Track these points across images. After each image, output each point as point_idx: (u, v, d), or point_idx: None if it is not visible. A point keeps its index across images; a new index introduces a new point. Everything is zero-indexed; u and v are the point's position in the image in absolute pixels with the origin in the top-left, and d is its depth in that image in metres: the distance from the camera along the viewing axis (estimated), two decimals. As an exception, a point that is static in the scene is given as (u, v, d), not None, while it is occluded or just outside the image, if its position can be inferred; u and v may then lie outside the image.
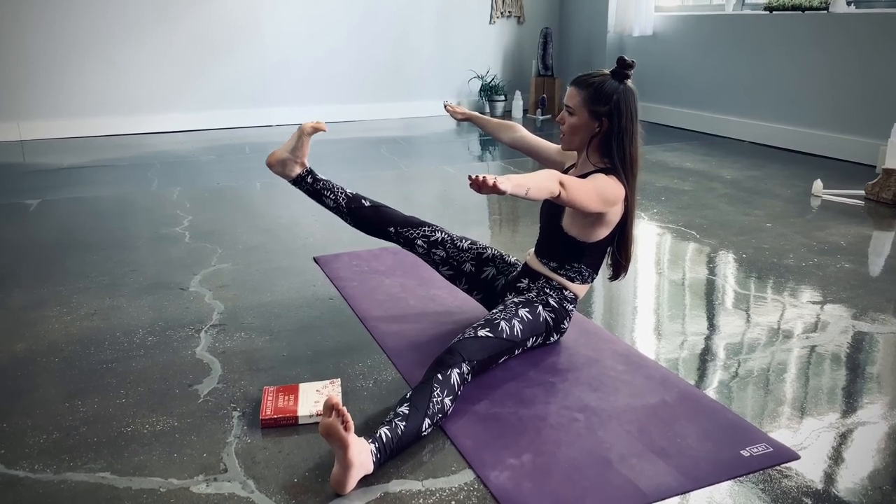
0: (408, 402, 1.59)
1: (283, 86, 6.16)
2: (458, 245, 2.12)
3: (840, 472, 1.52)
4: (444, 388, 1.64)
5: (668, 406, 1.76)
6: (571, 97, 1.90)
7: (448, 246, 2.11)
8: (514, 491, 1.44)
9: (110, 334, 2.18)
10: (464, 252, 2.12)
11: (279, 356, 2.04)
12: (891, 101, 4.32)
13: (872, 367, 1.98)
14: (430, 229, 2.11)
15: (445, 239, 2.11)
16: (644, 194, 3.85)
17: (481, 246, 2.16)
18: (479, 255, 2.13)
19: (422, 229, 2.11)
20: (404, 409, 1.57)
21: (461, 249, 2.12)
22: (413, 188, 4.04)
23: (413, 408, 1.57)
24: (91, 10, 5.42)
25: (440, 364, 1.70)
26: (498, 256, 2.15)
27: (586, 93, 1.87)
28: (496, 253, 2.16)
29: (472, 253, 2.13)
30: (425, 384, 1.64)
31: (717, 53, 5.56)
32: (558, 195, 1.70)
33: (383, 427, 1.53)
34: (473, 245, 2.14)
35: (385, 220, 2.10)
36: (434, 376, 1.66)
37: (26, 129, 5.47)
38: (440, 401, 1.62)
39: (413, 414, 1.56)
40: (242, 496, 1.44)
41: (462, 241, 2.14)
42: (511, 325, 1.86)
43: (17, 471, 1.52)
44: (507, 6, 6.82)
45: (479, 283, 2.14)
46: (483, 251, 2.14)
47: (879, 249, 2.99)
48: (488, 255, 2.14)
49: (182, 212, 3.53)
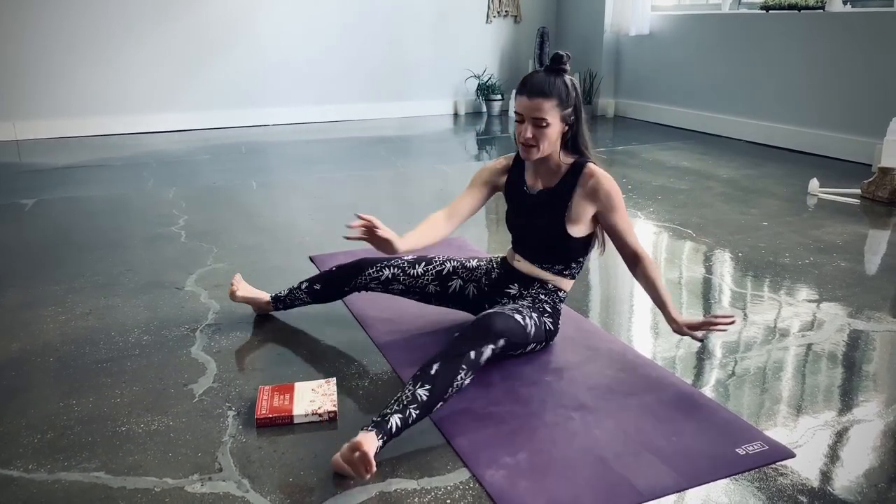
0: (428, 385, 1.56)
1: (279, 85, 6.15)
2: (412, 272, 2.07)
3: (836, 469, 1.52)
4: (472, 369, 1.64)
5: (664, 404, 1.76)
6: (542, 109, 1.78)
7: (402, 278, 2.07)
8: (510, 490, 1.44)
9: (105, 334, 2.17)
10: (420, 277, 2.08)
11: (274, 356, 2.04)
12: (886, 99, 4.33)
13: (868, 365, 1.98)
14: (377, 269, 2.06)
15: (396, 273, 2.06)
16: (640, 193, 3.85)
17: (437, 263, 2.11)
18: (437, 273, 2.09)
19: (369, 273, 2.06)
20: (423, 392, 1.55)
21: (417, 276, 2.08)
22: (410, 187, 4.04)
23: (432, 393, 1.56)
24: (87, 10, 5.41)
25: (473, 340, 1.67)
26: (458, 266, 2.11)
27: (555, 100, 1.79)
28: (455, 264, 2.11)
29: (430, 275, 2.08)
30: (452, 363, 1.60)
31: (713, 52, 5.56)
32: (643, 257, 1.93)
33: (395, 415, 1.51)
34: (429, 266, 2.09)
35: (338, 286, 2.11)
36: (466, 354, 1.63)
37: (22, 129, 5.46)
38: (461, 383, 1.62)
39: (430, 400, 1.56)
40: (237, 496, 1.43)
41: (415, 266, 2.08)
42: (525, 322, 1.87)
43: (12, 470, 1.52)
44: (503, 5, 6.82)
45: (448, 298, 2.11)
46: (441, 267, 2.09)
47: (875, 248, 2.99)
48: (448, 270, 2.10)
49: (177, 211, 3.52)
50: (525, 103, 1.81)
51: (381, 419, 1.51)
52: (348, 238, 1.76)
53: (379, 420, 1.52)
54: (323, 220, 3.38)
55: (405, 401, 1.54)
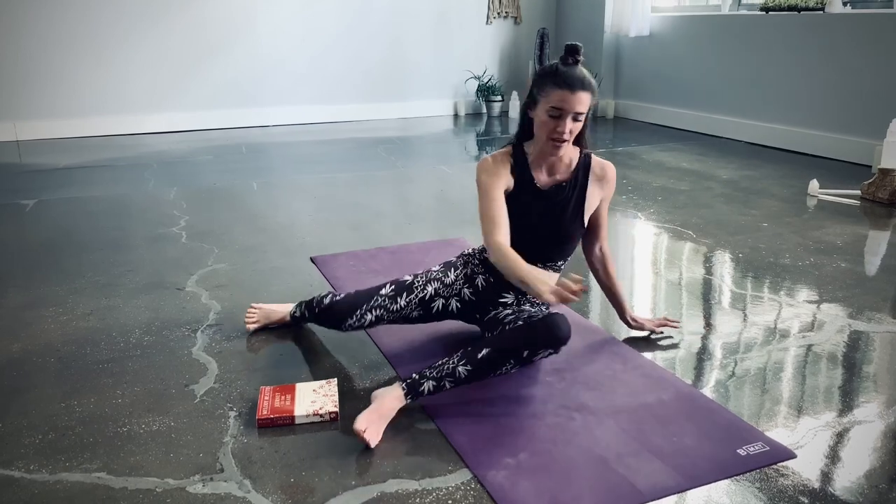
0: (470, 367, 1.68)
1: (279, 86, 6.16)
2: (394, 307, 1.96)
3: (837, 470, 1.52)
4: (519, 365, 1.73)
5: (664, 405, 1.76)
6: (584, 103, 1.75)
7: (387, 316, 1.97)
8: (511, 490, 1.44)
9: (106, 334, 2.17)
10: (404, 309, 1.97)
11: (276, 356, 2.04)
12: (886, 100, 4.33)
13: (868, 366, 1.99)
14: (359, 315, 1.95)
15: (380, 314, 1.95)
16: (641, 194, 3.85)
17: (419, 288, 1.98)
18: (420, 300, 1.97)
19: (349, 323, 1.96)
20: (462, 370, 1.68)
21: (400, 309, 1.96)
22: (410, 188, 4.04)
23: (471, 373, 1.68)
24: (87, 11, 5.41)
25: (535, 343, 1.71)
26: (438, 287, 1.99)
27: (592, 93, 1.78)
28: (436, 286, 1.98)
29: (412, 305, 1.97)
30: (503, 355, 1.69)
31: (713, 54, 5.56)
32: None
33: (430, 381, 1.66)
34: (410, 295, 1.97)
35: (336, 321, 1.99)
36: (519, 352, 1.69)
37: (23, 129, 5.46)
38: (504, 372, 1.73)
39: (467, 378, 1.68)
40: (239, 496, 1.43)
41: (396, 300, 1.96)
42: None
43: (13, 471, 1.52)
44: (503, 6, 6.82)
45: (433, 317, 2.02)
46: (423, 293, 1.98)
47: (875, 249, 2.99)
48: (428, 294, 1.98)
49: (178, 212, 3.52)
50: (568, 98, 1.73)
51: (415, 382, 1.67)
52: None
53: (412, 381, 1.67)
54: (324, 220, 3.38)
55: (444, 372, 1.67)
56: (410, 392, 1.67)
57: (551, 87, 1.75)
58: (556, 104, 1.74)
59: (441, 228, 3.24)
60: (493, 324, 1.93)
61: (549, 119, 1.77)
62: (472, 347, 1.72)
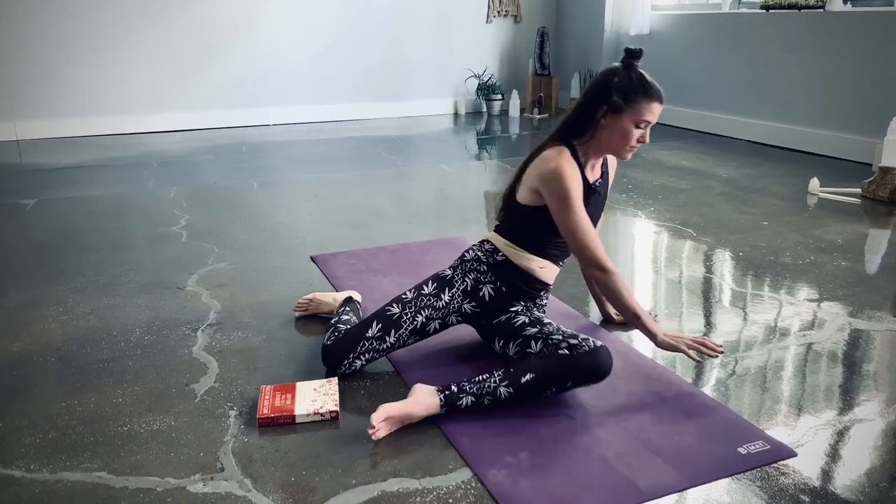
0: (512, 389, 1.66)
1: (279, 85, 6.16)
2: (384, 346, 1.87)
3: (837, 469, 1.52)
4: (560, 393, 1.73)
5: (665, 404, 1.76)
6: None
7: (381, 354, 1.88)
8: (512, 489, 1.44)
9: (107, 333, 2.18)
10: (395, 343, 1.88)
11: (276, 355, 2.04)
12: (887, 99, 4.33)
13: (869, 364, 1.99)
14: (349, 363, 1.87)
15: (372, 356, 1.88)
16: (641, 193, 3.85)
17: (406, 322, 1.87)
18: (412, 331, 1.88)
19: (347, 364, 1.87)
20: (504, 391, 1.66)
21: (391, 345, 1.87)
22: (411, 187, 4.04)
23: (511, 395, 1.66)
24: (87, 11, 5.41)
25: (581, 377, 1.69)
26: (430, 314, 1.88)
27: None
28: (426, 315, 1.88)
29: (404, 337, 1.88)
30: (546, 383, 1.67)
31: (713, 52, 5.56)
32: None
33: (469, 397, 1.66)
34: (399, 330, 1.86)
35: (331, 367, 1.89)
36: (563, 383, 1.68)
37: (23, 129, 5.46)
38: (542, 396, 1.71)
39: (507, 399, 1.67)
40: (239, 495, 1.43)
41: (385, 339, 1.86)
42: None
43: (14, 470, 1.52)
44: (503, 5, 6.82)
45: (433, 335, 1.95)
46: (413, 324, 1.88)
47: (876, 247, 2.99)
48: (419, 323, 1.88)
49: (179, 211, 3.52)
50: (656, 110, 1.77)
51: (454, 395, 1.66)
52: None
53: (450, 395, 1.66)
54: (324, 219, 3.38)
55: (484, 390, 1.66)
56: (447, 405, 1.66)
57: (643, 99, 1.74)
58: (647, 116, 1.76)
59: (441, 227, 3.24)
60: (506, 332, 1.86)
61: (635, 129, 1.77)
62: (515, 369, 1.68)
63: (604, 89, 1.77)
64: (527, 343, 1.80)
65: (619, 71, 1.77)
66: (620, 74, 1.76)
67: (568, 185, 1.76)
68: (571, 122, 1.84)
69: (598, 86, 1.79)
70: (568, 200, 1.76)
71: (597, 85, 1.79)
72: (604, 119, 1.78)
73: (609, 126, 1.78)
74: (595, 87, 1.79)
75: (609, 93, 1.76)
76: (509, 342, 1.85)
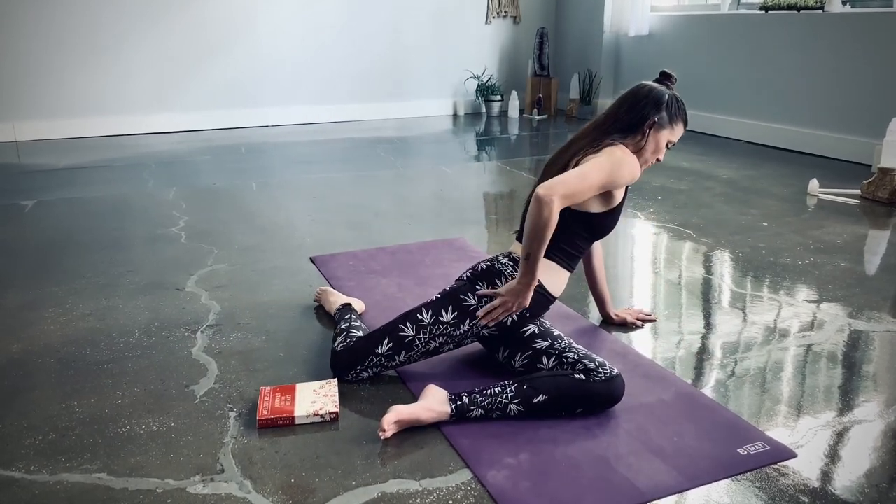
0: (522, 408, 1.68)
1: (279, 86, 6.15)
2: (392, 364, 1.85)
3: (837, 470, 1.52)
4: (569, 416, 1.71)
5: (665, 405, 1.76)
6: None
7: (388, 369, 1.89)
8: (512, 490, 1.44)
9: (106, 335, 2.17)
10: (405, 362, 1.85)
11: (276, 356, 2.04)
12: (886, 100, 4.33)
13: (868, 365, 1.99)
14: (357, 372, 1.86)
15: (378, 371, 1.87)
16: (640, 194, 3.85)
17: (419, 347, 1.83)
18: (426, 352, 1.86)
19: (354, 375, 1.86)
20: (515, 408, 1.67)
21: (400, 363, 1.86)
22: (410, 188, 4.04)
23: (521, 413, 1.68)
24: (87, 11, 5.41)
25: (594, 403, 1.70)
26: (444, 341, 1.85)
27: None
28: (440, 341, 1.84)
29: (413, 358, 1.86)
30: (557, 405, 1.68)
31: (712, 53, 5.56)
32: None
33: (479, 409, 1.67)
34: (409, 353, 1.84)
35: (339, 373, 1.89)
36: (574, 408, 1.69)
37: (21, 130, 5.45)
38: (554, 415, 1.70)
39: (516, 416, 1.68)
40: (239, 496, 1.43)
41: (395, 358, 1.84)
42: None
43: (13, 472, 1.52)
44: (503, 6, 6.82)
45: (442, 353, 1.91)
46: (424, 349, 1.85)
47: (875, 248, 3.00)
48: (433, 347, 1.85)
49: (178, 212, 3.52)
50: (682, 134, 1.92)
51: (465, 407, 1.67)
52: None
53: (461, 405, 1.67)
54: (323, 220, 3.38)
55: (495, 405, 1.67)
56: (457, 415, 1.67)
57: (680, 123, 1.90)
58: (676, 138, 1.91)
59: (441, 228, 3.24)
60: (513, 341, 1.86)
61: (664, 146, 1.90)
62: (528, 387, 1.68)
63: (658, 103, 1.86)
64: (537, 357, 1.79)
65: (667, 91, 1.88)
66: (669, 95, 1.87)
67: (622, 170, 1.77)
68: (626, 125, 1.87)
69: (655, 99, 1.86)
70: (603, 169, 1.74)
71: (654, 98, 1.86)
72: (650, 130, 1.86)
73: (652, 137, 1.87)
74: (652, 99, 1.86)
75: (660, 107, 1.86)
76: (516, 353, 1.84)
